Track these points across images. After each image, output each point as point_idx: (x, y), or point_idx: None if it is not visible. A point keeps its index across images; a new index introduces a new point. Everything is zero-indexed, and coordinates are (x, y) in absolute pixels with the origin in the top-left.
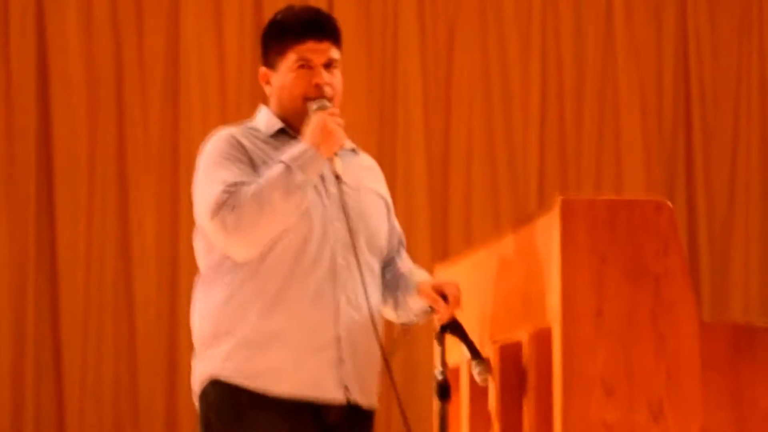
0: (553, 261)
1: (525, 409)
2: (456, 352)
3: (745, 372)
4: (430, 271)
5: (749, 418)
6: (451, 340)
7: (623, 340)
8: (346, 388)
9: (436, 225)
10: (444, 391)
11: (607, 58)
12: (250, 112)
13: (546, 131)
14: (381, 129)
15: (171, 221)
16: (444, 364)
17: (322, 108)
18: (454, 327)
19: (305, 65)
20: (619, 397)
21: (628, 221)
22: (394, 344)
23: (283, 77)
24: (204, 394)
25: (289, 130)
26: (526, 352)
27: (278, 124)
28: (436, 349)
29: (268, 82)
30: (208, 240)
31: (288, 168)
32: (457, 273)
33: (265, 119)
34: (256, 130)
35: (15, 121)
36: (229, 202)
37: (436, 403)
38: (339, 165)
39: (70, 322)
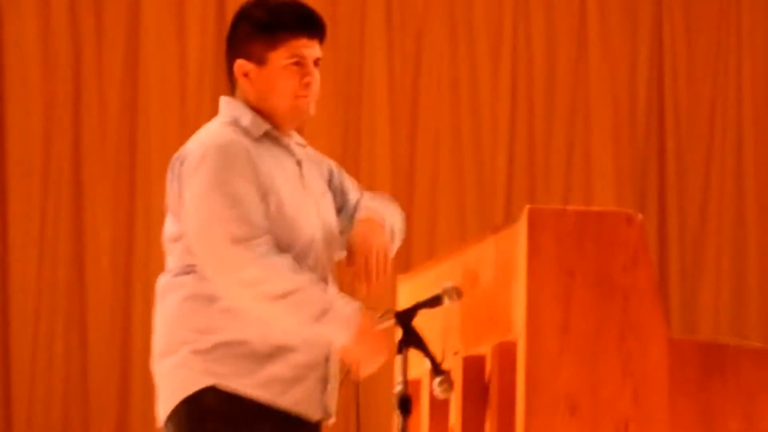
0: (519, 273)
1: (487, 424)
2: (417, 364)
3: (714, 392)
4: (393, 282)
5: None
6: (412, 352)
7: (589, 357)
8: (325, 409)
9: None
10: (405, 404)
11: (579, 66)
12: (211, 115)
13: (514, 141)
14: (345, 136)
15: (127, 226)
16: (405, 376)
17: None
18: (414, 339)
19: (298, 62)
20: (583, 416)
21: (597, 233)
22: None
23: (273, 73)
24: (197, 400)
25: (274, 132)
26: (490, 366)
27: (265, 125)
28: (397, 361)
29: (248, 76)
30: None
31: (323, 316)
32: (421, 284)
33: (250, 118)
34: (247, 131)
35: None
36: (259, 254)
37: (396, 417)
38: None
39: (21, 325)
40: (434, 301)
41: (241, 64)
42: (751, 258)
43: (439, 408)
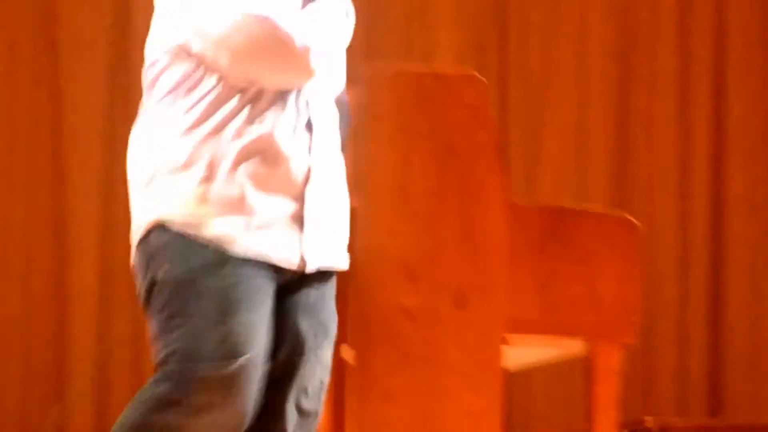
0: (356, 136)
1: None
2: None
3: (555, 256)
4: None
5: (559, 306)
6: None
7: (428, 222)
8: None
9: None
10: None
11: None
12: None
13: None
14: None
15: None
16: None
17: None
18: None
19: None
20: (421, 283)
21: (437, 94)
22: None
23: None
24: (146, 243)
25: None
26: None
27: None
28: None
29: None
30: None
31: None
32: None
33: None
34: None
35: None
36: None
37: None
38: None
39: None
40: None
41: None
42: (594, 118)
43: None
